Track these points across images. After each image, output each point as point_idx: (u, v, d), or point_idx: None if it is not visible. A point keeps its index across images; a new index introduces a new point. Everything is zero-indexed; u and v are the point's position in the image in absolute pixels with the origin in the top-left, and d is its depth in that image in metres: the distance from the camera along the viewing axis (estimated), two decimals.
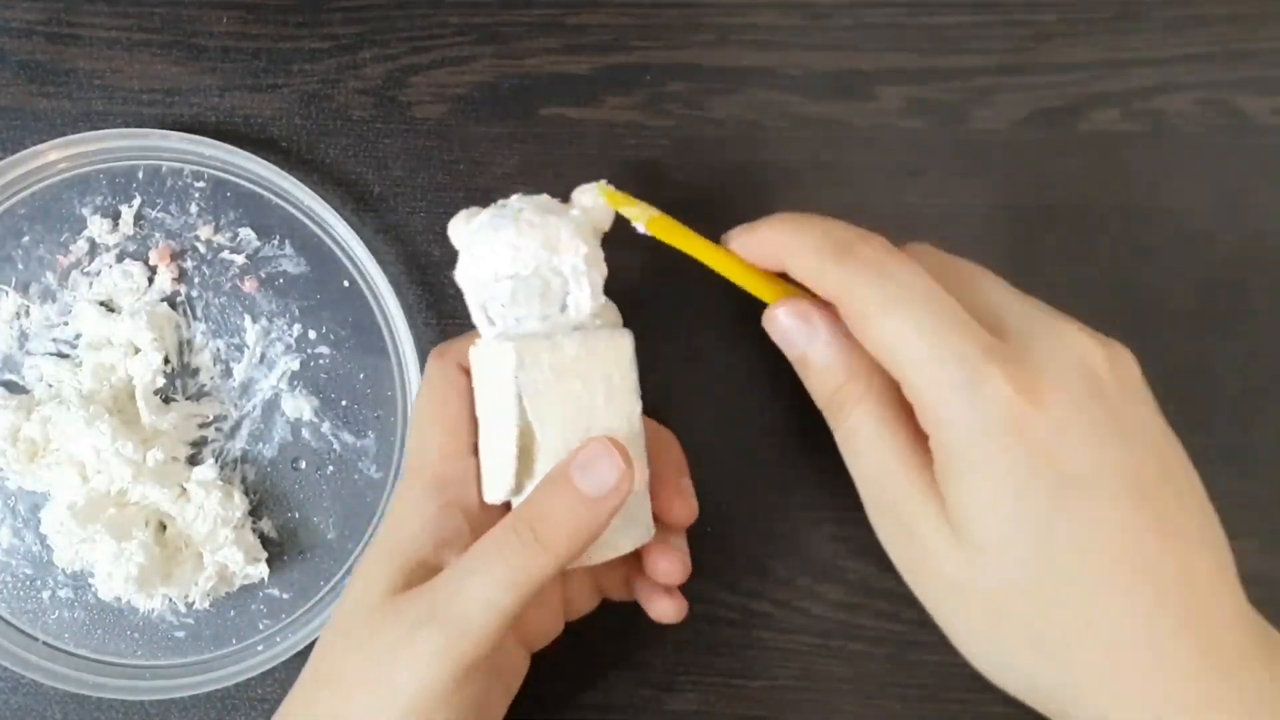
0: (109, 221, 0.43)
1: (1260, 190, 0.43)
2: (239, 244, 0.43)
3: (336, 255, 0.43)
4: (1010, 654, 0.32)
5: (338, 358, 0.43)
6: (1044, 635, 0.31)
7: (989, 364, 0.30)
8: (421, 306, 0.43)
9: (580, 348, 0.33)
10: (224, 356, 0.43)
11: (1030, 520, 0.30)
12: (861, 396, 0.33)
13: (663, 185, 0.43)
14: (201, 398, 0.43)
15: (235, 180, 0.43)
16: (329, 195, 0.43)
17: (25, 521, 0.43)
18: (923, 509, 0.32)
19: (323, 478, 0.43)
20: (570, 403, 0.33)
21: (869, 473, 0.34)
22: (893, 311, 0.31)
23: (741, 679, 0.42)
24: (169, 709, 0.43)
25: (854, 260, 0.32)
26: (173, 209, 0.43)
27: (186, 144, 0.42)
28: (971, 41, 0.43)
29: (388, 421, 0.43)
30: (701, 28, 0.43)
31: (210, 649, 0.42)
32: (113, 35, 0.44)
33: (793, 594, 0.42)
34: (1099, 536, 0.30)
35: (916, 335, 0.31)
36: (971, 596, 0.32)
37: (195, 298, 0.43)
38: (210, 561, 0.41)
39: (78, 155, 0.42)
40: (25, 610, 0.43)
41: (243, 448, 0.43)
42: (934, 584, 0.33)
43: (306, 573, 0.43)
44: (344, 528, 0.43)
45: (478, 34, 0.44)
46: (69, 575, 0.42)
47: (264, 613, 0.43)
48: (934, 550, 0.32)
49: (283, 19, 0.44)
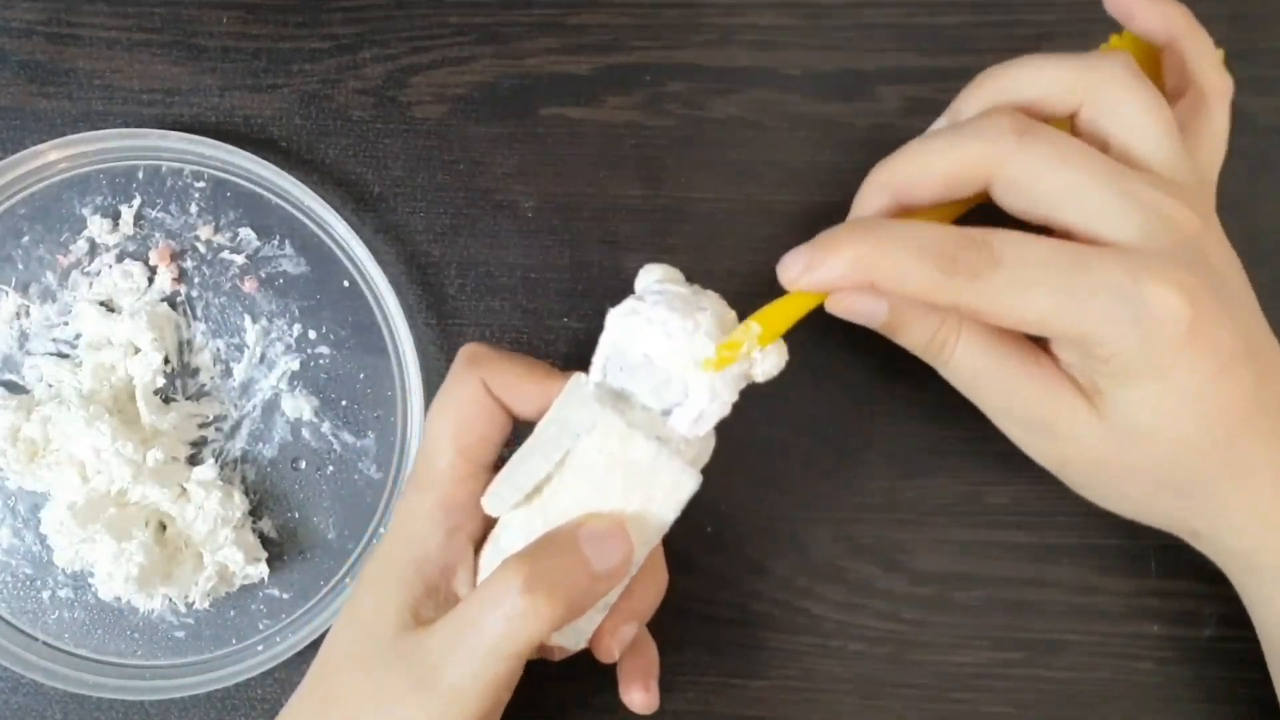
0: (109, 221, 0.43)
1: (1260, 190, 0.43)
2: (239, 244, 0.43)
3: (336, 255, 0.43)
4: (1153, 503, 0.35)
5: (338, 358, 0.43)
6: (1193, 488, 0.34)
7: (1150, 283, 0.31)
8: (421, 306, 0.43)
9: (647, 457, 0.32)
10: (224, 356, 0.43)
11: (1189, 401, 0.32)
12: (960, 325, 0.34)
13: (663, 185, 0.43)
14: (201, 398, 0.43)
15: (235, 180, 0.43)
16: (329, 195, 0.43)
17: (25, 521, 0.43)
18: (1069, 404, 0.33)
19: (323, 478, 0.43)
20: (600, 493, 0.33)
21: (998, 386, 0.34)
22: (1028, 290, 0.31)
23: (741, 679, 0.42)
24: (169, 709, 0.43)
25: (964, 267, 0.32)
26: (173, 209, 0.43)
27: (186, 144, 0.42)
28: (971, 41, 0.43)
29: (388, 421, 0.43)
30: (701, 28, 0.43)
31: (210, 649, 0.42)
32: (113, 35, 0.44)
33: (793, 594, 0.42)
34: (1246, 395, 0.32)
35: (1064, 297, 0.31)
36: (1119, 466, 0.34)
37: (195, 298, 0.43)
38: (210, 561, 0.41)
39: (77, 155, 0.42)
40: (25, 610, 0.43)
41: (243, 448, 0.43)
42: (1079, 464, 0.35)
43: (306, 573, 0.43)
44: (344, 528, 0.43)
45: (478, 34, 0.44)
46: (69, 575, 0.42)
47: (264, 613, 0.43)
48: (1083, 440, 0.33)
49: (283, 19, 0.44)
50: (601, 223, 0.43)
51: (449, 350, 0.43)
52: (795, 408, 0.43)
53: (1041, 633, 0.42)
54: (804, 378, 0.43)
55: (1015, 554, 0.42)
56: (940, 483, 0.42)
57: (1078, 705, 0.42)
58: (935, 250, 0.31)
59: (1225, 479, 0.33)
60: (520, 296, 0.43)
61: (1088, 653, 0.41)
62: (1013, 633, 0.42)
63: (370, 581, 0.35)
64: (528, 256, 0.43)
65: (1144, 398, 0.32)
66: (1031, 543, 0.42)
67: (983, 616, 0.42)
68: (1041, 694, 0.42)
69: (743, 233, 0.43)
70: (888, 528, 0.42)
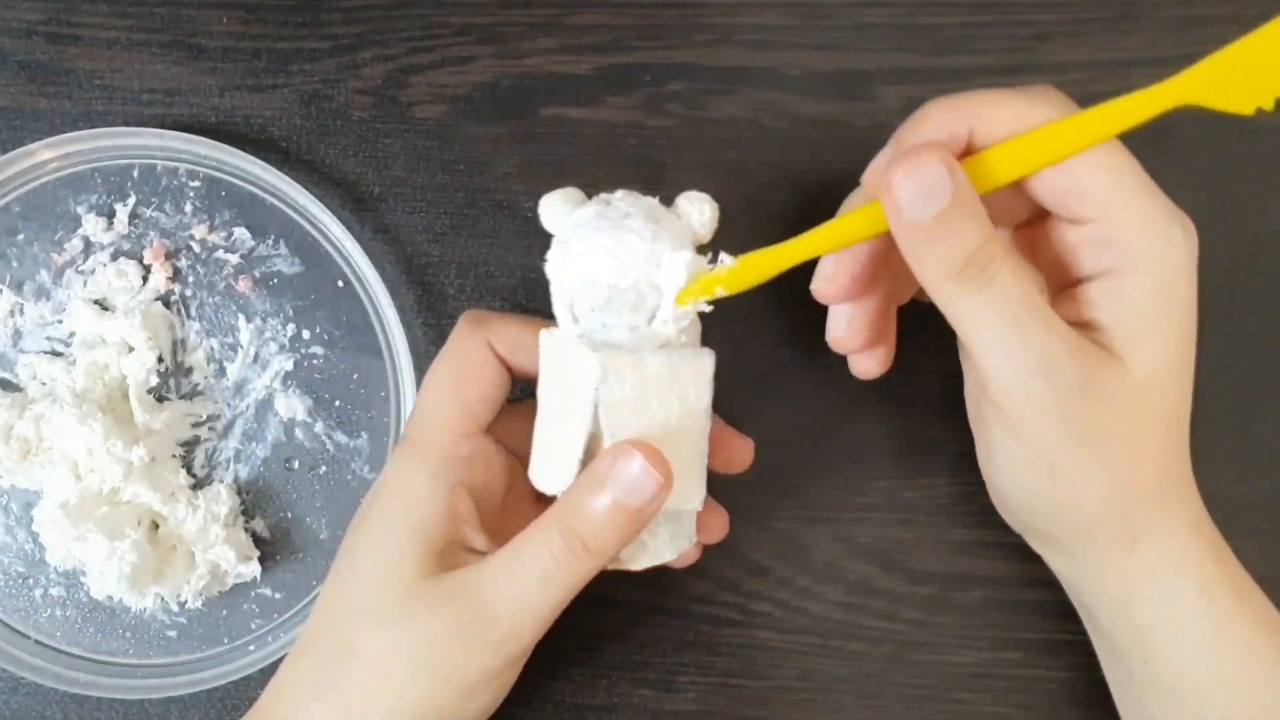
0: (104, 220, 0.43)
1: (1260, 190, 0.43)
2: (233, 243, 0.43)
3: (331, 255, 0.42)
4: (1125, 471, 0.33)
5: (331, 358, 0.43)
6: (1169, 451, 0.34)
7: (1184, 217, 0.32)
8: (420, 307, 0.43)
9: (664, 367, 0.33)
10: (218, 356, 0.43)
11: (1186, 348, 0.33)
12: (1004, 253, 0.31)
13: (663, 185, 0.43)
14: (195, 397, 0.43)
15: (230, 180, 0.43)
16: (328, 195, 0.43)
17: (17, 519, 0.43)
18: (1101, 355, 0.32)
19: (315, 478, 0.43)
20: (644, 418, 0.33)
21: (1031, 324, 0.31)
22: (1107, 164, 0.31)
23: (741, 679, 0.42)
24: (167, 708, 0.43)
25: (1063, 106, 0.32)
26: (167, 208, 0.43)
27: (181, 143, 0.42)
28: (971, 41, 0.43)
29: (381, 422, 0.43)
30: (701, 28, 0.43)
31: (202, 648, 0.42)
32: (113, 35, 0.44)
33: (793, 594, 0.42)
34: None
35: (1138, 182, 0.32)
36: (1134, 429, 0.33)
37: (189, 297, 0.43)
38: (202, 560, 0.42)
39: (72, 154, 0.42)
40: (17, 608, 0.43)
41: (236, 447, 0.43)
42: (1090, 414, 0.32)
43: (299, 573, 0.43)
44: (336, 528, 0.43)
45: (478, 34, 0.44)
46: (61, 574, 0.43)
47: (256, 612, 0.43)
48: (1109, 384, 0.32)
49: (283, 19, 0.44)
50: None
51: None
52: (795, 407, 0.43)
53: (1041, 633, 0.42)
54: (804, 377, 0.43)
55: (1015, 554, 0.42)
56: (940, 483, 0.42)
57: (1078, 705, 0.42)
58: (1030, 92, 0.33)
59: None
60: (520, 296, 0.43)
61: (1088, 653, 0.41)
62: (1013, 633, 0.42)
63: (370, 538, 0.35)
64: (528, 256, 0.43)
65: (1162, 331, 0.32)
66: None
67: (983, 616, 0.42)
68: (1041, 694, 0.42)
69: (743, 233, 0.43)
70: (888, 528, 0.42)
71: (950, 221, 0.30)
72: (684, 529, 0.35)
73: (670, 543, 0.35)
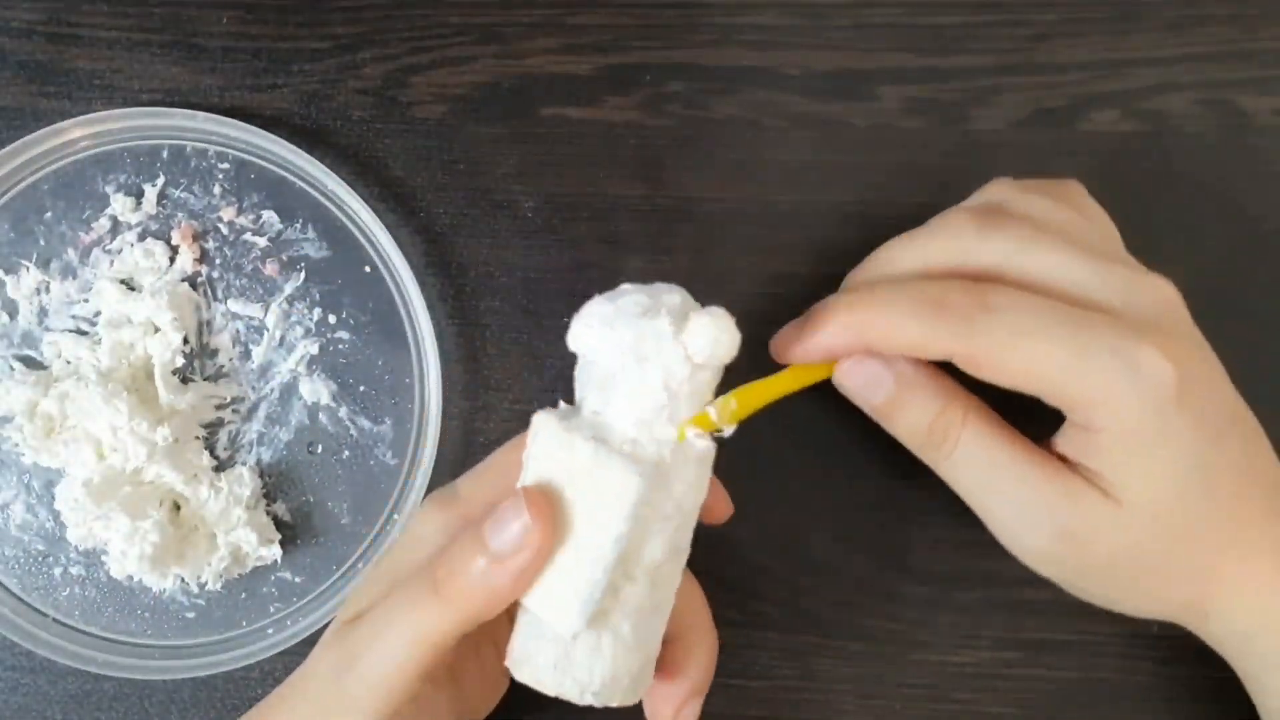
0: (132, 200, 0.43)
1: (1260, 190, 0.43)
2: (261, 226, 0.43)
3: (359, 241, 0.43)
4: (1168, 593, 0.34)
5: (357, 343, 0.43)
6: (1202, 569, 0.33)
7: (1140, 345, 0.31)
8: (445, 296, 0.43)
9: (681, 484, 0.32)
10: (243, 338, 0.43)
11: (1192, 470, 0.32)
12: (964, 417, 0.33)
13: (663, 185, 0.43)
14: (219, 379, 0.43)
15: (259, 163, 0.43)
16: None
17: (39, 497, 0.43)
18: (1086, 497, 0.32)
19: (338, 462, 0.43)
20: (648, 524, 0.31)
21: (1001, 485, 0.34)
22: (1024, 337, 0.31)
23: (741, 679, 0.42)
24: (180, 688, 0.43)
25: (954, 311, 0.32)
26: (196, 189, 0.43)
27: (211, 124, 0.42)
28: (971, 41, 0.43)
29: (405, 408, 0.43)
30: (701, 28, 0.43)
31: (221, 630, 0.42)
32: (113, 35, 0.44)
33: (793, 594, 0.42)
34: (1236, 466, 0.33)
35: (1060, 348, 0.31)
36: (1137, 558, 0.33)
37: (216, 279, 0.43)
38: (223, 543, 0.42)
39: (101, 133, 0.42)
40: (36, 586, 0.43)
41: (259, 430, 0.43)
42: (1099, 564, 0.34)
43: (319, 557, 0.43)
44: (358, 513, 0.43)
45: (478, 34, 0.44)
46: (81, 552, 0.42)
47: (275, 596, 0.43)
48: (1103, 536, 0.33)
49: (283, 19, 0.44)
50: (601, 223, 0.43)
51: (460, 345, 0.43)
52: (795, 408, 0.43)
53: (1041, 633, 0.42)
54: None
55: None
56: (940, 482, 0.42)
57: (1078, 705, 0.42)
58: (924, 297, 0.32)
59: (1230, 561, 0.33)
60: (520, 296, 0.43)
61: (1088, 653, 0.41)
62: (1013, 633, 0.42)
63: (367, 572, 0.35)
64: (528, 256, 0.43)
65: (1149, 467, 0.32)
66: None
67: (983, 616, 0.42)
68: (1041, 694, 0.42)
69: (743, 233, 0.43)
70: (888, 528, 0.42)
71: (901, 403, 0.34)
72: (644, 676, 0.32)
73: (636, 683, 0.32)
